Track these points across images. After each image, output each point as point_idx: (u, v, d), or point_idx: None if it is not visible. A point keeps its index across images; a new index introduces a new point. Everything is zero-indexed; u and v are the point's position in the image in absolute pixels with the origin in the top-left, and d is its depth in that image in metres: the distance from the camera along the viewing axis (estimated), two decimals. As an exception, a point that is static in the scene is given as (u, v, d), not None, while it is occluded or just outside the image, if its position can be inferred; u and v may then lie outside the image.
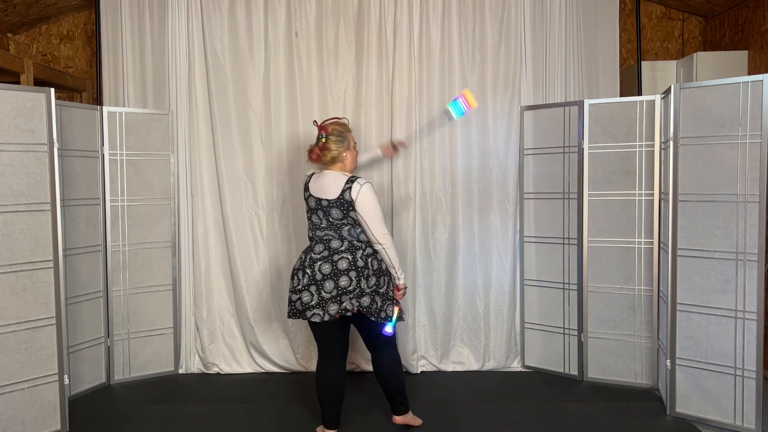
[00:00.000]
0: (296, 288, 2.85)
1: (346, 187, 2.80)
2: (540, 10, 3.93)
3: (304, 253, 2.91)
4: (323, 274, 2.79)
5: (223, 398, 3.56)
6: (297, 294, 2.84)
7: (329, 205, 2.83)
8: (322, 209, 2.85)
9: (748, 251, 2.97)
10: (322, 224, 2.87)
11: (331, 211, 2.83)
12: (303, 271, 2.84)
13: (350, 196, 2.79)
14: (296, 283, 2.86)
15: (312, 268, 2.81)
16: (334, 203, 2.82)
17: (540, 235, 3.92)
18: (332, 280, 2.78)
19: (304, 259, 2.87)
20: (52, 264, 3.05)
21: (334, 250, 2.82)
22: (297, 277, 2.86)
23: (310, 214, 2.92)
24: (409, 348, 3.89)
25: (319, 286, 2.78)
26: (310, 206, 2.91)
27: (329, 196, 2.83)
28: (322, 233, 2.88)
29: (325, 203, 2.84)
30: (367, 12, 3.89)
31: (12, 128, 2.92)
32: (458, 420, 3.23)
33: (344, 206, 2.81)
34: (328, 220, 2.85)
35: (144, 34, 3.93)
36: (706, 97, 3.08)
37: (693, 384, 3.18)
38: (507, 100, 3.95)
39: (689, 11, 4.66)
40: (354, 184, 2.81)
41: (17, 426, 2.96)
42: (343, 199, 2.80)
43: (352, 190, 2.79)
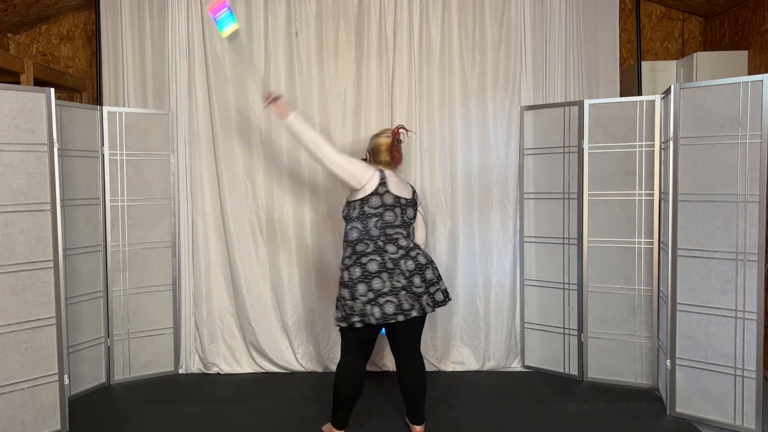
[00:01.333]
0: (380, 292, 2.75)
1: (414, 190, 3.05)
2: (540, 10, 3.93)
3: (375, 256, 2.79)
4: (410, 271, 2.82)
5: (223, 398, 3.56)
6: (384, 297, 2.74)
7: (407, 203, 2.95)
8: (400, 207, 2.92)
9: (748, 251, 2.98)
10: (395, 222, 2.89)
11: (408, 210, 2.96)
12: (387, 272, 2.77)
13: (417, 198, 3.06)
14: (380, 285, 2.75)
15: (398, 268, 2.79)
16: (410, 203, 2.98)
17: (540, 235, 3.92)
18: (418, 275, 2.84)
19: (383, 262, 2.79)
20: (52, 264, 3.05)
21: (406, 247, 2.87)
22: (381, 278, 2.77)
23: (383, 210, 2.86)
24: (409, 348, 3.89)
25: (410, 283, 2.80)
26: (386, 203, 2.87)
27: (406, 196, 2.97)
28: (392, 231, 2.87)
29: (403, 202, 2.94)
30: (367, 12, 3.89)
31: (12, 128, 2.92)
32: (458, 420, 3.23)
33: (415, 206, 3.02)
34: (403, 219, 2.92)
35: (144, 34, 3.93)
36: (706, 97, 3.08)
37: (693, 384, 3.18)
38: (507, 100, 3.95)
39: (689, 11, 4.66)
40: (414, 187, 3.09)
41: (17, 426, 2.96)
42: (414, 200, 3.02)
43: (415, 193, 3.06)
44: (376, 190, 2.86)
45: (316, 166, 3.93)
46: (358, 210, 2.87)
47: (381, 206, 2.86)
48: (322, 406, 3.33)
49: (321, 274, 3.97)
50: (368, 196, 2.86)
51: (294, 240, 3.97)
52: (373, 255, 2.80)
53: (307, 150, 2.89)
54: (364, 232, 2.85)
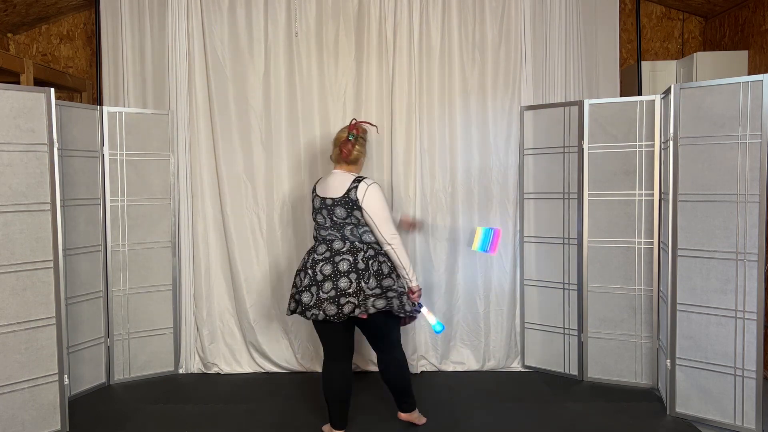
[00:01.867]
0: (298, 288, 2.88)
1: (352, 186, 2.83)
2: (540, 10, 3.93)
3: (307, 254, 2.95)
4: (324, 275, 2.80)
5: (223, 398, 3.56)
6: (299, 294, 2.87)
7: (333, 203, 2.85)
8: (326, 208, 2.88)
9: (748, 251, 2.97)
10: (326, 224, 2.89)
11: (336, 209, 2.85)
12: (305, 271, 2.87)
13: (355, 195, 2.81)
14: (298, 282, 2.90)
15: (314, 269, 2.84)
16: (338, 202, 2.84)
17: (540, 235, 3.92)
18: (331, 281, 2.78)
19: (307, 260, 2.90)
20: (52, 264, 3.05)
21: (336, 251, 2.84)
22: (299, 277, 2.91)
23: (315, 214, 2.96)
24: (410, 348, 3.89)
25: (318, 287, 2.80)
26: (315, 206, 2.95)
27: (334, 195, 2.86)
28: (325, 233, 2.90)
29: (329, 202, 2.86)
30: (367, 12, 3.89)
31: (12, 128, 2.92)
32: (458, 420, 3.23)
33: (349, 205, 2.82)
34: (332, 220, 2.87)
35: (144, 34, 3.93)
36: (706, 97, 3.08)
37: (693, 384, 3.17)
38: (507, 100, 3.95)
39: (689, 11, 4.65)
40: (360, 183, 2.83)
41: (17, 426, 2.96)
42: (348, 197, 2.82)
43: (358, 190, 2.82)
44: (310, 197, 3.01)
45: (316, 166, 3.93)
46: None
47: (313, 211, 2.97)
48: (322, 406, 3.32)
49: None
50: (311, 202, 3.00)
51: (294, 240, 3.96)
52: (306, 253, 2.95)
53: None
54: (314, 232, 3.00)
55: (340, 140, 2.95)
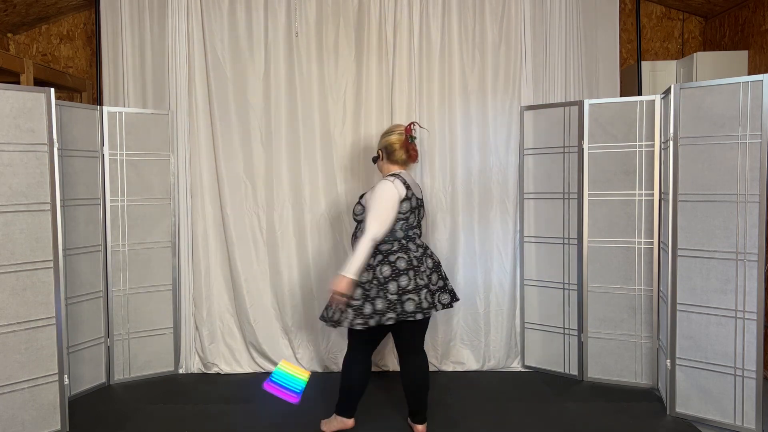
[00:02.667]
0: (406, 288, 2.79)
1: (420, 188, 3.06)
2: (540, 10, 3.93)
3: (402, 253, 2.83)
4: (429, 269, 2.89)
5: (223, 398, 3.56)
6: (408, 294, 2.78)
7: (421, 203, 3.00)
8: (418, 208, 2.98)
9: (748, 251, 2.97)
10: (414, 223, 2.95)
11: (421, 209, 3.01)
12: (414, 270, 2.83)
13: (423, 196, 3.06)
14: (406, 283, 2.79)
15: (423, 265, 2.88)
16: (421, 202, 3.01)
17: (540, 235, 3.92)
18: (436, 272, 2.93)
19: (409, 259, 2.84)
20: (52, 264, 3.05)
21: (423, 245, 2.96)
22: (408, 276, 2.81)
23: (409, 213, 2.89)
24: (409, 348, 3.89)
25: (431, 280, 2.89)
26: (412, 206, 2.91)
27: (420, 196, 3.01)
28: (411, 232, 2.94)
29: (420, 202, 2.99)
30: (367, 12, 3.89)
31: (12, 128, 2.92)
32: (458, 420, 3.23)
33: (423, 205, 3.04)
34: (418, 218, 2.98)
35: (144, 34, 3.93)
36: (706, 97, 3.08)
37: (693, 384, 3.18)
38: (507, 100, 3.95)
39: (689, 11, 4.66)
40: None
41: (17, 426, 2.96)
42: (423, 199, 3.04)
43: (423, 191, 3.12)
44: (406, 196, 2.87)
45: (316, 166, 3.94)
46: None
47: (409, 211, 2.89)
48: (322, 406, 3.33)
49: (321, 274, 3.96)
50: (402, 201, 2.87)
51: (294, 240, 3.96)
52: (399, 253, 2.85)
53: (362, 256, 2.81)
54: (389, 234, 2.86)
55: (399, 143, 2.95)
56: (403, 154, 2.96)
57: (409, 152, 2.96)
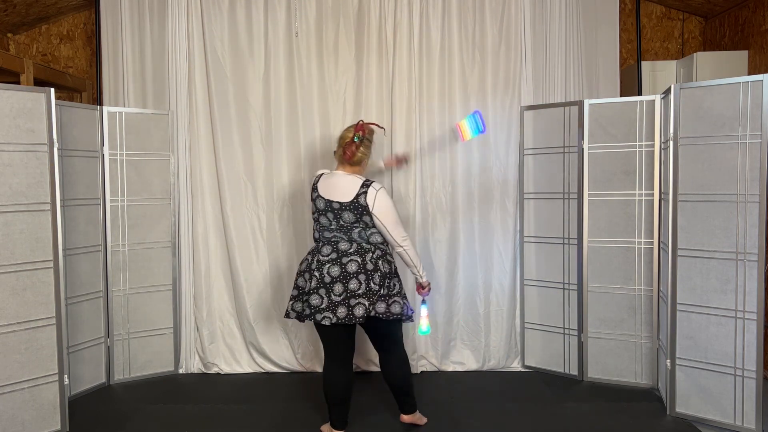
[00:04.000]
0: (303, 290, 2.84)
1: (361, 191, 2.79)
2: (540, 10, 3.93)
3: (310, 255, 2.90)
4: (332, 277, 2.77)
5: (223, 398, 3.56)
6: (305, 296, 2.82)
7: (341, 207, 2.81)
8: (333, 211, 2.83)
9: (748, 251, 2.97)
10: (331, 226, 2.85)
11: (343, 214, 2.81)
12: (310, 273, 2.83)
13: (365, 201, 2.79)
14: (302, 284, 2.85)
15: (320, 271, 2.80)
16: (347, 206, 2.80)
17: (540, 235, 3.92)
18: (341, 282, 2.76)
19: (311, 261, 2.85)
20: (52, 264, 3.05)
21: (342, 252, 2.81)
22: (303, 278, 2.86)
23: (318, 215, 2.89)
24: (410, 348, 3.87)
25: (328, 289, 2.77)
26: (318, 207, 2.88)
27: (342, 199, 2.81)
28: (330, 235, 2.86)
29: (336, 206, 2.82)
30: (367, 12, 3.89)
31: (12, 128, 2.92)
32: (458, 420, 3.23)
33: (358, 210, 2.79)
34: (339, 223, 2.83)
35: (144, 34, 3.93)
36: (706, 97, 3.08)
37: (693, 384, 3.18)
38: (507, 100, 3.95)
39: (689, 11, 4.65)
40: (369, 188, 2.80)
41: (17, 426, 2.96)
42: (357, 203, 2.79)
43: (368, 195, 2.79)
44: (311, 197, 2.93)
45: (316, 166, 3.93)
46: None
47: (316, 211, 2.91)
48: (322, 406, 3.32)
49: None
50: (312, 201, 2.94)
51: (294, 240, 3.96)
52: (309, 254, 2.91)
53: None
54: (316, 233, 2.94)
55: (345, 140, 2.89)
56: (340, 150, 2.91)
57: (344, 150, 2.88)
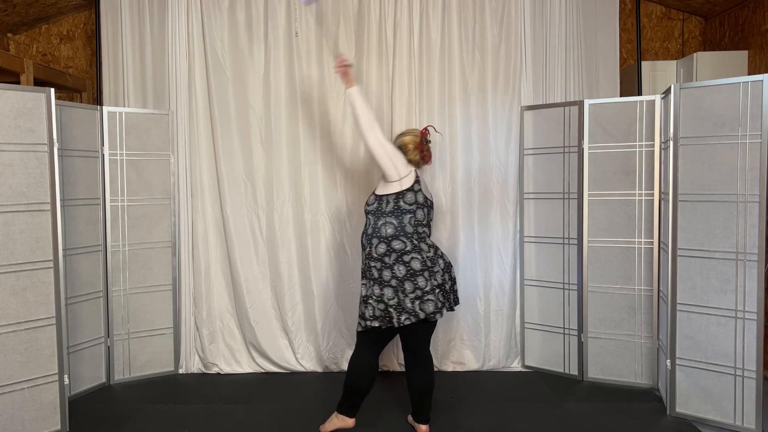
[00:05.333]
0: (424, 289, 2.82)
1: None
2: (540, 10, 3.93)
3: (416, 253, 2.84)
4: (442, 270, 2.91)
5: (223, 398, 3.56)
6: (427, 294, 2.82)
7: (431, 205, 3.01)
8: (428, 207, 2.98)
9: (748, 251, 2.97)
10: (424, 221, 2.95)
11: (431, 211, 3.02)
12: (430, 271, 2.86)
13: None
14: (424, 284, 2.82)
15: (437, 265, 2.90)
16: (432, 204, 3.03)
17: (540, 235, 3.92)
18: (447, 273, 2.96)
19: (424, 260, 2.85)
20: (52, 264, 3.05)
21: (433, 246, 2.96)
22: (423, 277, 2.83)
23: (416, 207, 2.91)
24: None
25: (444, 281, 2.91)
26: (419, 201, 2.92)
27: (430, 198, 3.02)
28: (422, 230, 2.94)
29: (429, 203, 3.00)
30: (367, 12, 3.89)
31: (12, 128, 2.92)
32: (458, 420, 3.23)
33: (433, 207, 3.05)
34: (428, 219, 2.99)
35: (144, 34, 3.93)
36: (706, 97, 3.08)
37: (693, 384, 3.18)
38: (507, 100, 3.95)
39: (689, 11, 4.66)
40: None
41: (17, 426, 2.96)
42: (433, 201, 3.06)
43: None
44: (411, 187, 2.91)
45: (316, 165, 3.94)
46: (393, 204, 2.89)
47: (415, 203, 2.90)
48: (322, 406, 3.33)
49: (321, 274, 3.97)
50: (404, 191, 2.89)
51: (294, 240, 3.97)
52: (413, 253, 2.85)
53: (358, 125, 2.93)
54: (399, 228, 2.87)
55: (413, 144, 3.03)
56: (417, 155, 3.04)
57: (423, 154, 3.04)
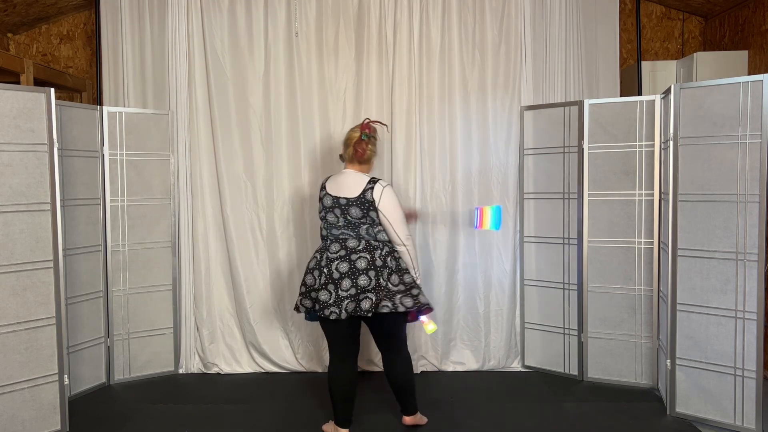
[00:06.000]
0: (312, 287, 2.87)
1: (368, 187, 2.86)
2: (540, 10, 3.93)
3: (318, 253, 2.93)
4: (341, 273, 2.82)
5: (223, 398, 3.56)
6: (314, 293, 2.85)
7: (348, 203, 2.87)
8: (340, 207, 2.89)
9: (748, 251, 2.97)
10: (338, 223, 2.90)
11: (350, 209, 2.87)
12: (320, 270, 2.86)
13: (372, 196, 2.84)
14: (311, 282, 2.88)
15: (329, 267, 2.84)
16: (353, 202, 2.86)
17: (540, 235, 3.92)
18: (350, 278, 2.80)
19: (320, 259, 2.89)
20: (52, 264, 3.05)
21: (351, 249, 2.85)
22: (313, 275, 2.88)
23: (325, 212, 2.94)
24: (410, 348, 3.85)
25: (336, 285, 2.81)
26: (326, 205, 2.93)
27: (348, 195, 2.87)
28: (338, 232, 2.90)
29: (343, 201, 2.87)
30: (367, 12, 3.89)
31: (12, 128, 2.92)
32: (458, 420, 3.23)
33: (365, 205, 2.85)
34: (346, 219, 2.88)
35: (144, 34, 3.93)
36: (706, 97, 3.08)
37: (693, 384, 3.18)
38: (507, 100, 3.95)
39: (689, 11, 4.65)
40: (376, 185, 2.87)
41: (17, 426, 2.96)
42: (364, 198, 2.84)
43: (374, 191, 2.85)
44: (319, 195, 3.00)
45: (316, 165, 3.94)
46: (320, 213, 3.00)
47: (323, 209, 2.95)
48: (322, 406, 3.33)
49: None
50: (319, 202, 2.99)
51: (294, 240, 3.97)
52: (317, 252, 2.94)
53: None
54: (324, 231, 2.97)
55: (353, 140, 2.95)
56: (351, 150, 2.95)
57: (355, 149, 2.94)
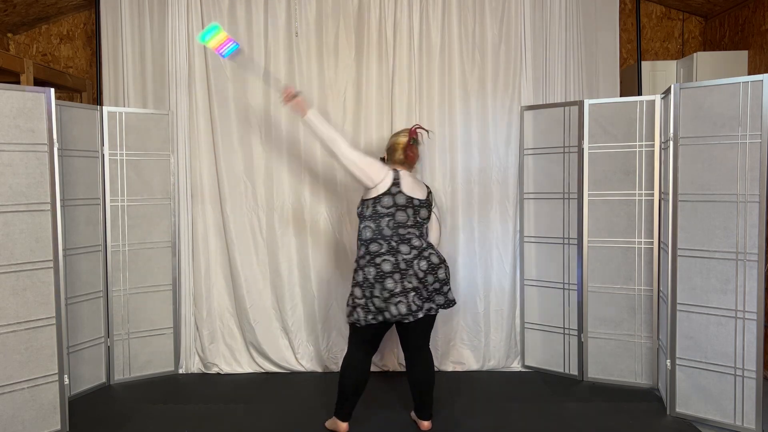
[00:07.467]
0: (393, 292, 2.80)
1: (429, 190, 3.10)
2: (540, 10, 3.93)
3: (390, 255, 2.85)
4: (423, 271, 2.88)
5: (223, 398, 3.56)
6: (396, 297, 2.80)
7: (420, 204, 2.98)
8: (413, 207, 2.95)
9: (748, 251, 2.97)
10: (408, 222, 2.94)
11: (421, 210, 2.99)
12: (401, 273, 2.83)
13: (432, 199, 3.10)
14: (392, 285, 2.81)
15: (412, 268, 2.86)
16: (424, 203, 3.00)
17: (540, 235, 3.92)
18: (432, 274, 2.91)
19: (397, 262, 2.84)
20: (52, 264, 3.05)
21: (419, 248, 2.91)
22: (393, 279, 2.82)
23: (395, 210, 2.91)
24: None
25: (423, 283, 2.87)
26: (398, 203, 2.92)
27: (420, 196, 2.99)
28: (404, 231, 2.92)
29: (416, 202, 2.97)
30: (367, 12, 3.89)
31: (12, 128, 2.92)
32: (458, 420, 3.23)
33: (429, 207, 3.05)
34: (416, 219, 2.96)
35: (144, 34, 3.93)
36: (706, 97, 3.08)
37: (693, 384, 3.18)
38: (507, 100, 3.95)
39: (689, 11, 4.66)
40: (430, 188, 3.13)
41: (17, 426, 2.96)
42: (428, 200, 3.05)
43: (432, 194, 3.12)
44: (388, 190, 2.92)
45: (316, 166, 3.94)
46: (371, 209, 2.93)
47: (393, 206, 2.91)
48: (322, 406, 3.33)
49: (321, 274, 3.97)
50: (381, 195, 2.92)
51: (294, 240, 3.97)
52: (386, 255, 2.86)
53: (323, 146, 2.98)
54: (377, 231, 2.91)
55: (401, 144, 3.07)
56: (402, 155, 3.06)
57: (406, 154, 3.05)
